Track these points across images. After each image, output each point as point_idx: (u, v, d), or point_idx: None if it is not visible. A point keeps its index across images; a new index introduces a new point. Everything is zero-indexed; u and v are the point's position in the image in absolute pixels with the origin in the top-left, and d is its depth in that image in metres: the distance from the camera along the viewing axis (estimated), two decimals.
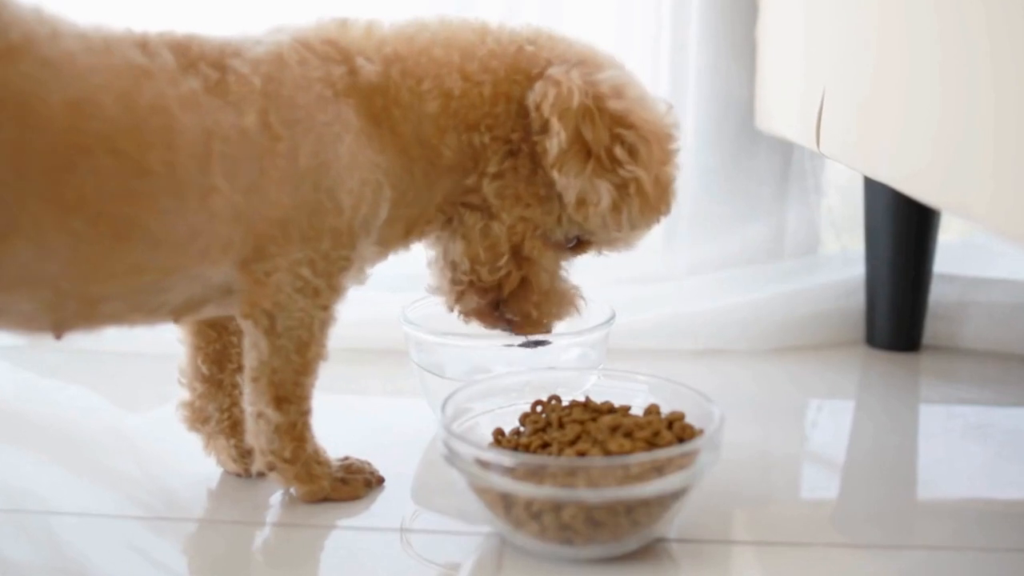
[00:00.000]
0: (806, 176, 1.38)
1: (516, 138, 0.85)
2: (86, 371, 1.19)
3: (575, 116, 0.82)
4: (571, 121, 0.82)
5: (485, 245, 0.88)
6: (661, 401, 0.86)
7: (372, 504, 0.88)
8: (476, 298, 0.91)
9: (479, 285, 0.90)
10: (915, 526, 0.88)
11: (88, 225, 0.73)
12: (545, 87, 0.83)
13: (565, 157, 0.83)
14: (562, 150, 0.83)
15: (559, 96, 0.82)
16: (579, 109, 0.82)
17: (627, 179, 0.83)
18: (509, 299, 0.90)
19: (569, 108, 0.82)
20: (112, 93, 0.72)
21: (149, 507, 0.88)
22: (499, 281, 0.90)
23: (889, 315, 1.29)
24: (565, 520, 0.75)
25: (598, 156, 0.83)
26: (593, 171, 0.83)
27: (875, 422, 1.11)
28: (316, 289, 0.82)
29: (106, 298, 0.77)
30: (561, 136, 0.82)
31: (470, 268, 0.89)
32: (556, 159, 0.83)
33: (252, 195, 0.78)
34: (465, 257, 0.89)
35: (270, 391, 0.83)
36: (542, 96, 0.83)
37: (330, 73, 0.81)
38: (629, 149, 0.83)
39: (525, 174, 0.86)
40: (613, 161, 0.83)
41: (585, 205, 0.84)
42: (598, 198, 0.84)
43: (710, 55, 1.32)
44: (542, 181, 0.86)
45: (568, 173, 0.83)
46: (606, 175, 0.83)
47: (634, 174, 0.83)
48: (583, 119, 0.82)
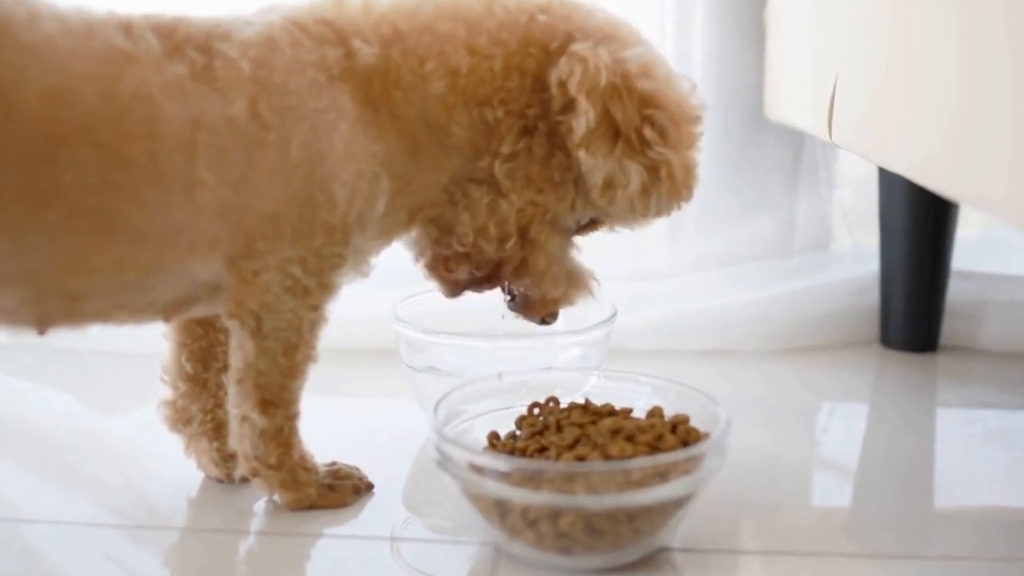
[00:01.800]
0: (817, 167, 1.38)
1: (532, 114, 0.85)
2: (61, 372, 1.19)
3: (603, 95, 0.82)
4: (599, 100, 0.82)
5: (495, 221, 0.88)
6: (664, 403, 0.86)
7: (361, 512, 0.88)
8: (469, 269, 0.91)
9: (478, 259, 0.90)
10: (932, 535, 0.88)
11: (67, 219, 0.73)
12: (571, 64, 0.83)
13: (592, 137, 0.82)
14: (589, 129, 0.82)
15: (586, 74, 0.82)
16: (607, 88, 0.82)
17: (657, 161, 0.83)
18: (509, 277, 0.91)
19: (597, 86, 0.82)
20: (93, 80, 0.72)
21: (127, 515, 0.88)
22: (499, 259, 0.90)
23: (905, 314, 1.29)
24: (563, 528, 0.75)
25: (627, 137, 0.83)
26: (623, 152, 0.83)
27: (890, 426, 1.11)
28: (306, 288, 0.82)
29: (90, 295, 0.77)
30: (589, 115, 0.82)
31: (473, 241, 0.89)
32: (583, 139, 0.83)
33: (241, 188, 0.78)
34: (470, 229, 0.88)
35: (255, 394, 0.83)
36: (568, 74, 0.82)
37: (325, 56, 0.81)
38: (659, 130, 0.83)
39: (540, 156, 0.86)
40: (643, 142, 0.83)
41: (613, 188, 0.84)
42: (627, 180, 0.83)
43: (716, 40, 1.32)
44: (558, 165, 0.86)
45: (596, 153, 0.83)
46: (636, 157, 0.83)
47: (665, 156, 0.83)
48: (612, 98, 0.82)
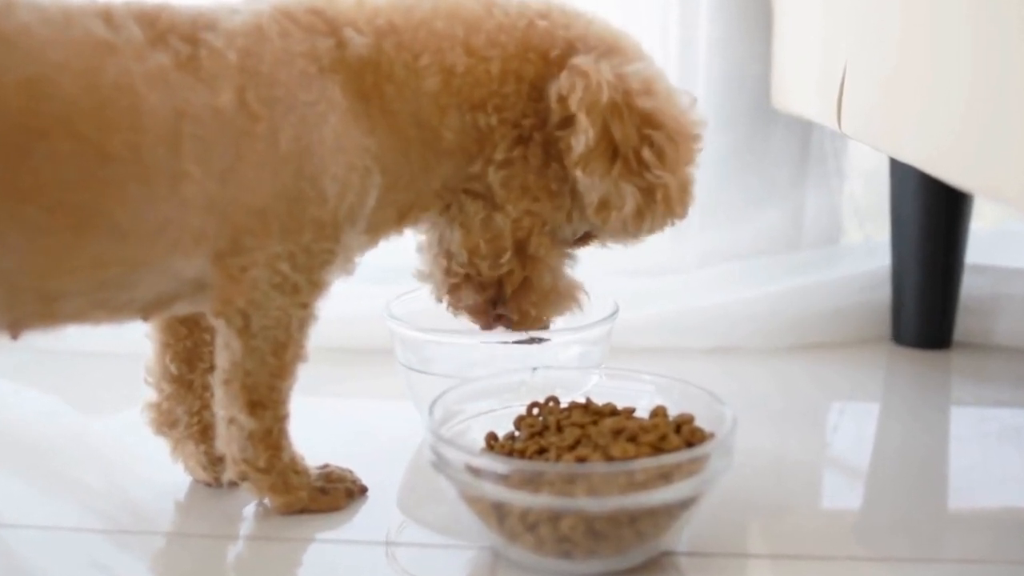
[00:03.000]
0: (827, 159, 1.38)
1: (528, 124, 0.85)
2: (44, 372, 1.19)
3: (604, 113, 0.82)
4: (599, 118, 0.82)
5: (487, 238, 0.88)
6: (668, 403, 0.86)
7: (354, 516, 0.88)
8: (473, 294, 0.91)
9: (477, 280, 0.90)
10: (946, 538, 0.88)
11: (46, 215, 0.73)
12: (572, 78, 0.83)
13: (591, 156, 0.83)
14: (588, 149, 0.82)
15: (588, 90, 0.82)
16: (608, 105, 0.82)
17: (654, 184, 0.83)
18: (510, 298, 0.90)
19: (598, 103, 0.82)
20: (72, 71, 0.72)
21: (112, 519, 0.88)
22: (500, 278, 0.90)
23: (917, 310, 1.29)
24: (564, 532, 0.75)
25: (626, 157, 0.83)
26: (620, 173, 0.83)
27: (902, 425, 1.11)
28: (295, 286, 0.82)
29: (67, 294, 0.77)
30: (589, 134, 0.82)
31: (468, 260, 0.89)
32: (581, 158, 0.83)
33: (227, 181, 0.78)
34: (463, 248, 0.89)
35: (243, 395, 0.83)
36: (569, 88, 0.82)
37: (315, 47, 0.81)
38: (657, 152, 0.83)
39: (536, 165, 0.86)
40: (640, 164, 0.83)
41: (608, 209, 0.85)
42: (623, 203, 0.84)
43: (721, 27, 1.32)
44: (554, 175, 0.86)
45: (593, 173, 0.83)
46: (632, 178, 0.83)
47: (662, 179, 0.83)
48: (612, 117, 0.82)
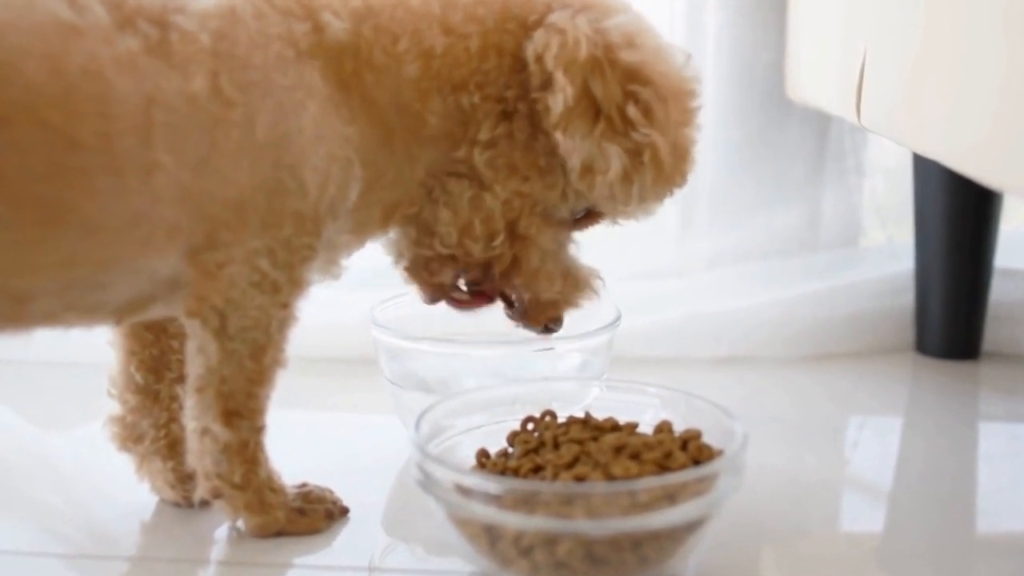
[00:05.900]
0: (845, 154, 1.38)
1: (511, 96, 0.86)
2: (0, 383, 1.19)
3: (583, 69, 0.82)
4: (578, 75, 0.82)
5: (480, 217, 0.88)
6: (674, 417, 0.86)
7: (335, 539, 0.88)
8: (451, 272, 0.91)
9: (465, 260, 0.90)
10: (973, 563, 0.88)
11: (10, 209, 0.73)
12: (547, 36, 0.83)
13: (570, 116, 0.83)
14: (567, 108, 0.82)
15: (564, 46, 0.82)
16: (587, 61, 0.82)
17: (641, 144, 0.83)
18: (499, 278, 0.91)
19: (576, 60, 0.82)
20: (35, 55, 0.72)
21: (72, 542, 0.88)
22: (489, 259, 0.90)
23: (943, 317, 1.29)
24: (561, 556, 0.75)
25: (608, 116, 0.83)
26: (602, 133, 0.83)
27: (927, 442, 1.12)
28: (275, 284, 0.82)
29: (35, 295, 0.77)
30: (567, 92, 0.82)
31: (457, 241, 0.89)
32: (560, 118, 0.83)
33: (202, 172, 0.78)
34: (453, 228, 0.89)
35: (219, 403, 0.83)
36: (544, 46, 0.83)
37: (291, 30, 0.81)
38: (644, 109, 0.83)
39: (522, 140, 0.86)
40: (625, 122, 0.83)
41: (591, 173, 0.84)
42: (607, 165, 0.84)
43: (732, 12, 1.32)
44: (542, 149, 0.86)
45: (573, 134, 0.83)
46: (617, 138, 0.83)
47: (649, 138, 0.83)
48: (592, 73, 0.82)
